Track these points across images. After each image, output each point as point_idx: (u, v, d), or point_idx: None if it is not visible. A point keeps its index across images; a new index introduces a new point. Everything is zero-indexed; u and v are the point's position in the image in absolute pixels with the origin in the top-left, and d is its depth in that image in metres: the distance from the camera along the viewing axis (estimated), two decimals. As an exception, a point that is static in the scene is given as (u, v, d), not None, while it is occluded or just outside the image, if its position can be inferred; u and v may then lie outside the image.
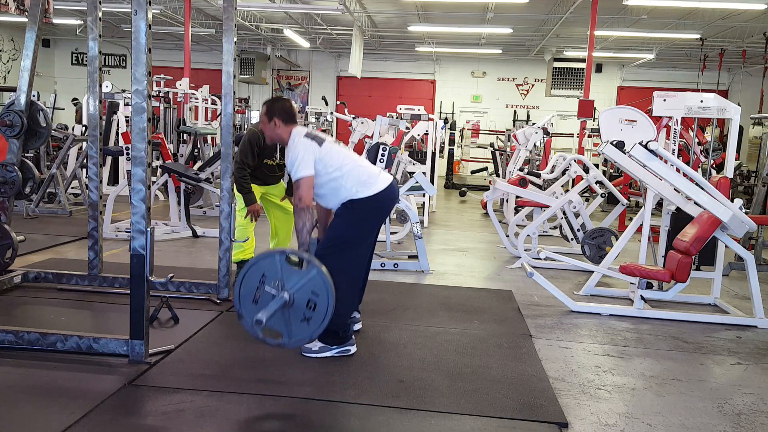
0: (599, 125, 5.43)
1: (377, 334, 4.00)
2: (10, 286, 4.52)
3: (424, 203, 8.72)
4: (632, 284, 5.04)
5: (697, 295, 5.28)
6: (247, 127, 13.79)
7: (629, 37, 14.24)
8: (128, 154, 6.99)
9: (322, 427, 2.79)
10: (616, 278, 5.15)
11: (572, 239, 6.78)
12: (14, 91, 4.48)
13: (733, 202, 4.48)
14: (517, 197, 7.79)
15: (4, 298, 4.39)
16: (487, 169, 14.02)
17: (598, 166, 11.17)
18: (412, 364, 3.53)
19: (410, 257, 6.22)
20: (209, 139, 10.76)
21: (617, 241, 5.33)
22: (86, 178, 5.91)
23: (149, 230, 3.22)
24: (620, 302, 5.07)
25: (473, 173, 15.86)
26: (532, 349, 3.87)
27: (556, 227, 7.70)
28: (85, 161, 8.17)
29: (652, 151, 4.42)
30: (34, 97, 4.48)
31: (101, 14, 4.46)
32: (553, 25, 13.44)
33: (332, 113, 13.00)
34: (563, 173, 7.54)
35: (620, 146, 4.70)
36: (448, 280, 5.65)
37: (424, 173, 6.82)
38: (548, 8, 12.43)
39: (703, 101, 5.04)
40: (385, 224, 6.56)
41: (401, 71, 19.33)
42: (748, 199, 9.09)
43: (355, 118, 9.79)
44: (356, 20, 13.33)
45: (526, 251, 6.33)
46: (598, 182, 6.93)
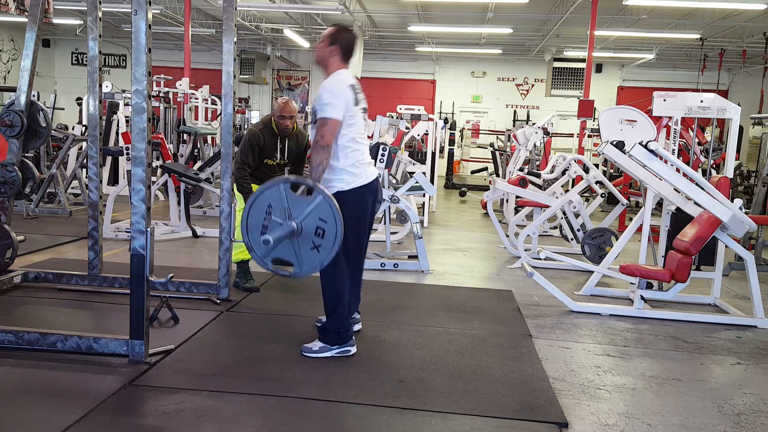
0: (599, 125, 5.43)
1: (377, 334, 4.00)
2: (10, 286, 4.52)
3: (424, 203, 8.72)
4: (632, 284, 5.04)
5: (697, 295, 5.28)
6: (247, 127, 13.80)
7: (629, 37, 14.24)
8: (128, 154, 7.00)
9: (322, 427, 2.79)
10: (616, 278, 5.15)
11: (572, 239, 6.78)
12: (14, 91, 4.48)
13: (733, 202, 4.48)
14: (517, 197, 7.79)
15: (4, 298, 4.39)
16: (487, 169, 14.02)
17: (598, 166, 11.17)
18: (412, 364, 3.53)
19: (410, 257, 6.22)
20: (209, 139, 10.77)
21: (617, 241, 5.33)
22: (86, 178, 5.91)
23: (149, 230, 3.22)
24: (620, 302, 5.07)
25: (473, 173, 15.86)
26: (532, 349, 3.87)
27: (556, 227, 7.70)
28: (85, 161, 8.17)
29: (652, 151, 4.42)
30: (34, 97, 4.48)
31: (101, 14, 4.46)
32: (553, 25, 13.44)
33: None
34: (563, 173, 7.54)
35: (620, 146, 4.70)
36: (448, 280, 5.65)
37: (424, 173, 6.83)
38: (548, 8, 12.43)
39: (703, 101, 5.04)
40: (385, 224, 6.56)
41: (401, 71, 19.33)
42: (748, 199, 9.09)
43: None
44: (356, 20, 13.34)
45: (526, 251, 6.33)
46: (598, 182, 6.93)
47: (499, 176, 11.71)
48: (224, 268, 4.39)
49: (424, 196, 8.17)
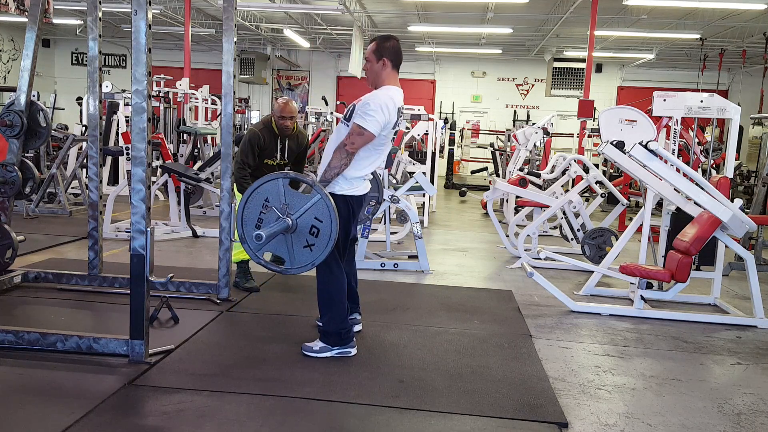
0: (599, 125, 5.43)
1: (377, 334, 4.00)
2: (10, 286, 4.52)
3: (424, 203, 8.72)
4: (632, 284, 5.04)
5: (697, 295, 5.28)
6: (247, 127, 13.80)
7: (629, 37, 14.24)
8: (128, 154, 6.99)
9: (322, 427, 2.79)
10: (616, 278, 5.15)
11: (572, 239, 6.78)
12: (14, 91, 4.48)
13: (733, 202, 4.48)
14: (517, 197, 7.79)
15: (4, 298, 4.39)
16: (487, 169, 14.02)
17: (598, 166, 11.17)
18: (412, 364, 3.53)
19: (410, 257, 6.22)
20: (209, 139, 10.76)
21: (617, 241, 5.33)
22: (86, 178, 5.91)
23: (149, 230, 3.22)
24: (620, 302, 5.07)
25: (473, 173, 15.86)
26: (532, 349, 3.87)
27: (556, 227, 7.70)
28: (85, 161, 8.17)
29: (652, 151, 4.42)
30: (34, 97, 4.48)
31: (101, 14, 4.46)
32: (553, 25, 13.44)
33: (332, 113, 13.00)
34: (563, 173, 7.54)
35: (620, 146, 4.70)
36: (448, 280, 5.65)
37: (424, 173, 6.82)
38: (548, 8, 12.43)
39: (703, 101, 5.04)
40: (385, 224, 6.56)
41: (401, 71, 18.83)
42: (748, 199, 9.09)
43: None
44: (356, 20, 13.33)
45: (526, 251, 6.33)
46: (598, 182, 6.93)
47: (499, 176, 11.71)
48: (224, 268, 4.39)
49: (424, 196, 8.17)
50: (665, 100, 5.09)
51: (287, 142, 4.80)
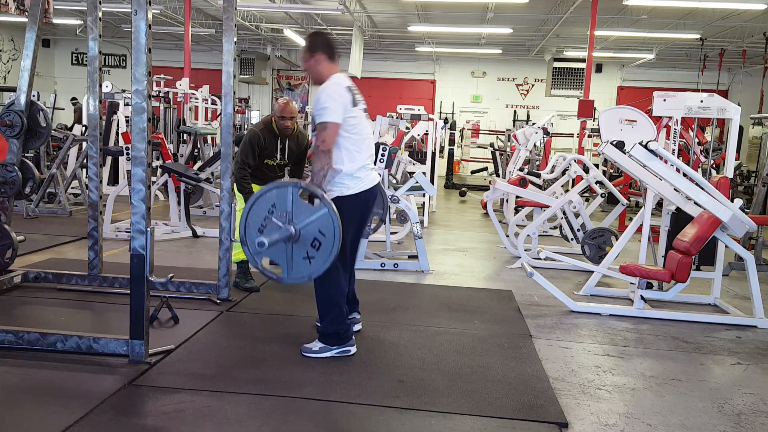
0: (599, 125, 5.43)
1: (377, 334, 4.00)
2: (10, 286, 4.52)
3: (424, 203, 8.72)
4: (632, 284, 5.04)
5: (697, 295, 5.28)
6: (247, 127, 13.81)
7: (629, 37, 14.24)
8: (128, 154, 6.99)
9: (322, 427, 2.79)
10: (616, 278, 5.15)
11: (572, 239, 6.78)
12: (14, 91, 4.48)
13: (733, 202, 4.48)
14: (517, 197, 7.79)
15: (4, 298, 4.39)
16: (487, 169, 14.01)
17: (598, 166, 11.16)
18: (412, 364, 3.53)
19: (410, 257, 6.21)
20: (209, 139, 10.76)
21: (617, 241, 5.33)
22: (86, 178, 5.91)
23: (149, 230, 3.22)
24: (620, 302, 5.07)
25: (473, 173, 15.86)
26: (532, 349, 3.87)
27: (556, 227, 7.70)
28: (85, 161, 8.17)
29: (652, 151, 4.42)
30: (34, 97, 4.48)
31: (101, 14, 4.46)
32: (553, 25, 13.44)
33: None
34: (563, 173, 7.55)
35: (620, 146, 4.70)
36: (448, 280, 5.65)
37: (424, 173, 6.83)
38: (548, 8, 12.43)
39: (703, 101, 5.04)
40: (385, 224, 6.56)
41: (401, 71, 19.32)
42: (748, 199, 9.09)
43: (355, 118, 9.77)
44: (356, 20, 13.34)
45: (526, 251, 6.33)
46: (598, 182, 6.93)
47: (499, 176, 11.70)
48: (224, 268, 4.39)
49: (424, 196, 8.17)
50: (665, 100, 5.09)
51: (287, 142, 4.80)
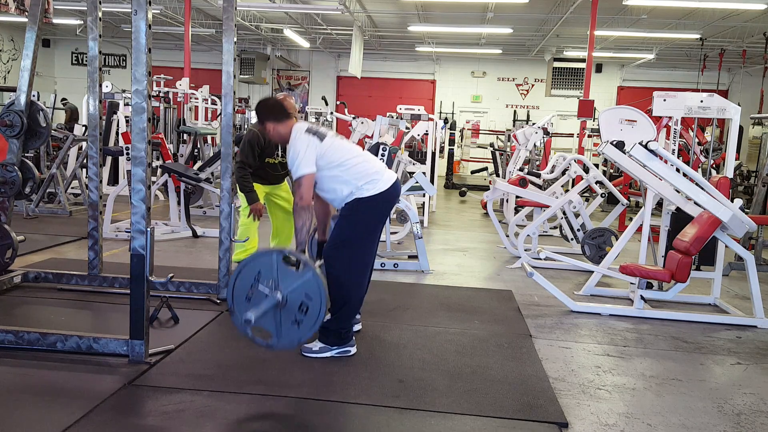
0: (599, 125, 5.43)
1: (377, 334, 4.00)
2: (10, 286, 4.52)
3: (424, 203, 8.72)
4: (632, 284, 5.04)
5: (697, 295, 5.28)
6: (247, 127, 13.79)
7: (629, 37, 14.24)
8: (128, 154, 6.99)
9: (321, 427, 2.79)
10: (616, 278, 5.15)
11: (572, 239, 6.78)
12: (14, 91, 4.48)
13: (733, 202, 4.48)
14: (517, 197, 7.79)
15: (4, 298, 4.39)
16: (487, 169, 14.01)
17: (598, 166, 11.16)
18: (412, 364, 3.53)
19: (410, 257, 6.21)
20: (209, 139, 10.77)
21: (617, 241, 5.33)
22: (86, 178, 5.91)
23: (149, 230, 3.22)
24: (620, 302, 5.07)
25: (473, 173, 15.85)
26: (532, 349, 3.87)
27: (556, 227, 7.70)
28: (85, 161, 8.17)
29: (652, 151, 4.42)
30: (34, 97, 4.48)
31: (101, 14, 4.45)
32: (553, 25, 13.44)
33: (332, 113, 13.00)
34: (563, 173, 7.54)
35: (620, 146, 4.70)
36: (448, 280, 5.65)
37: (424, 173, 6.82)
38: (548, 8, 12.43)
39: (703, 101, 5.04)
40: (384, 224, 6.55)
41: (401, 71, 19.33)
42: (748, 199, 9.08)
43: (355, 118, 9.79)
44: (356, 20, 13.33)
45: (526, 251, 6.33)
46: (598, 182, 6.92)
47: (499, 176, 11.70)
48: (224, 268, 4.39)
49: (424, 196, 8.17)
50: (665, 100, 5.09)
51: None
